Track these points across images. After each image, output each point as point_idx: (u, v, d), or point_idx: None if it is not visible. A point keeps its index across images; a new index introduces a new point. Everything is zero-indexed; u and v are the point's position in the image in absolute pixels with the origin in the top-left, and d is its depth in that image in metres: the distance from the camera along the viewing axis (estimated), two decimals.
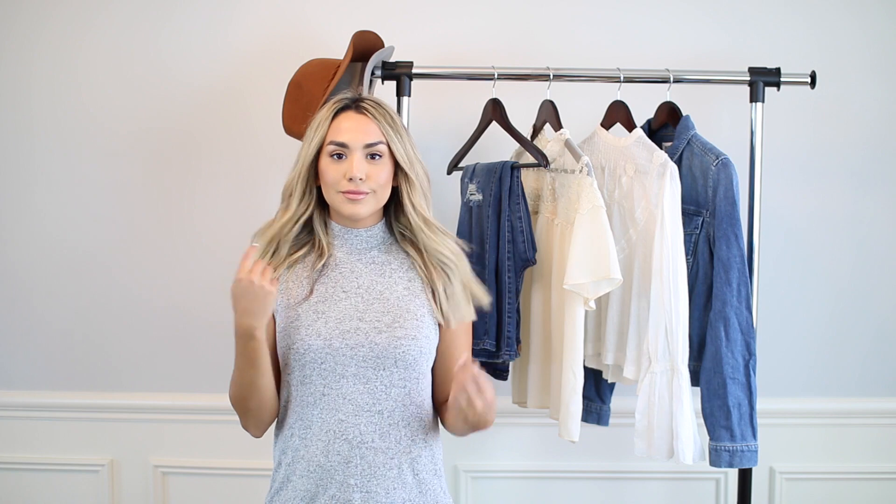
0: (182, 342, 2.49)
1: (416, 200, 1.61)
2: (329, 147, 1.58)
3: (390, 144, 1.58)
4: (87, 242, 2.46)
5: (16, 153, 2.45)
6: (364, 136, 1.57)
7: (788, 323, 2.45)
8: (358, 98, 1.62)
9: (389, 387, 1.57)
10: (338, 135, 1.58)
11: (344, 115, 1.60)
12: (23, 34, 2.40)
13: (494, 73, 2.05)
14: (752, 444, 2.00)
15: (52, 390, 2.52)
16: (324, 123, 1.59)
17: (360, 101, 1.61)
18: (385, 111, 1.60)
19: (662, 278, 1.94)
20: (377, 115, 1.59)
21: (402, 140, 1.60)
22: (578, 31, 2.38)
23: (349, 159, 1.57)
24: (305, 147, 1.60)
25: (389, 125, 1.59)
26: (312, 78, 2.00)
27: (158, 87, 2.41)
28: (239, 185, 2.44)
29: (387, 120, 1.59)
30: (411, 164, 1.60)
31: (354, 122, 1.58)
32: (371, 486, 1.56)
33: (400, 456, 1.58)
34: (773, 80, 2.08)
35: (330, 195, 1.60)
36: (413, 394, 1.60)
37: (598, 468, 2.49)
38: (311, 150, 1.59)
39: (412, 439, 1.60)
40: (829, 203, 2.43)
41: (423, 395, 1.62)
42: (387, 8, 2.38)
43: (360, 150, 1.57)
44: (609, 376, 2.19)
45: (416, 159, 1.61)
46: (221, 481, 2.53)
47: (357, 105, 1.60)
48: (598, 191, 1.91)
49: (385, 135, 1.58)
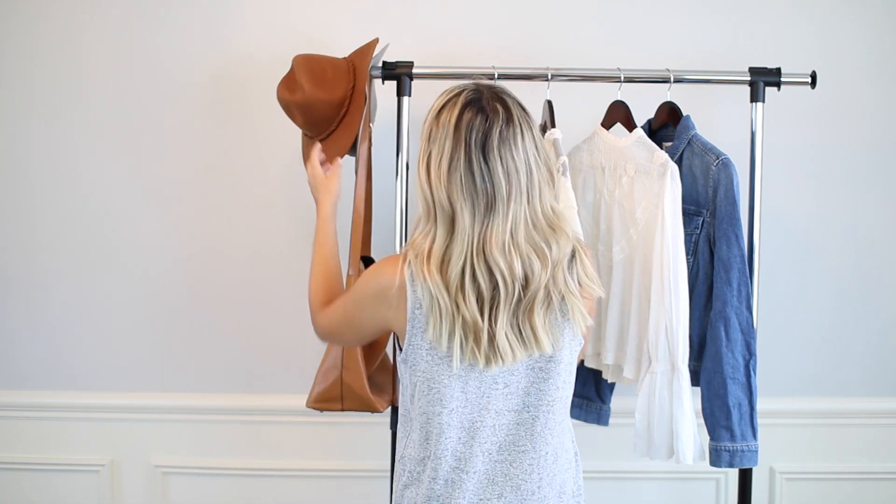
0: (182, 342, 2.49)
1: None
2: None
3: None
4: (85, 242, 2.46)
5: (15, 154, 2.45)
6: None
7: (788, 323, 2.45)
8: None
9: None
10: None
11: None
12: (22, 35, 2.41)
13: (494, 72, 2.05)
14: (752, 444, 2.00)
15: (53, 390, 2.52)
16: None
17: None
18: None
19: (663, 278, 1.94)
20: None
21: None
22: (578, 31, 2.38)
23: None
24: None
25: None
26: (320, 93, 2.03)
27: (156, 86, 2.41)
28: (238, 187, 2.44)
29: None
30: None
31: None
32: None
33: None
34: (774, 80, 2.08)
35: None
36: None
37: (598, 468, 2.48)
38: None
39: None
40: (829, 203, 2.43)
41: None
42: (387, 8, 2.38)
43: None
44: (609, 376, 2.19)
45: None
46: (221, 481, 2.53)
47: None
48: (571, 192, 1.91)
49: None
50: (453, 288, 1.47)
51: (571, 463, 1.64)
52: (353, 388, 1.98)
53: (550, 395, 1.55)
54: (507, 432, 1.55)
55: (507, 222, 1.46)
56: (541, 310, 1.49)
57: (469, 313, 1.47)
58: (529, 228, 1.48)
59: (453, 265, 1.47)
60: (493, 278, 1.46)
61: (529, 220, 1.48)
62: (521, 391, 1.54)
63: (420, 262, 1.49)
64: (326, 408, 1.99)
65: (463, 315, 1.47)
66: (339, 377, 1.97)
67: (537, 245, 1.48)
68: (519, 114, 1.51)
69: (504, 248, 1.46)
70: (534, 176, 1.48)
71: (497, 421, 1.55)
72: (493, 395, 1.54)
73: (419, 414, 1.57)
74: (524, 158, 1.48)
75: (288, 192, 2.43)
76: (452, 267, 1.47)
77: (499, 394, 1.54)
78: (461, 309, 1.47)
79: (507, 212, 1.46)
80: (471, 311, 1.47)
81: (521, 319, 1.49)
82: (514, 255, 1.46)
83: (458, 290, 1.47)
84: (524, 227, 1.48)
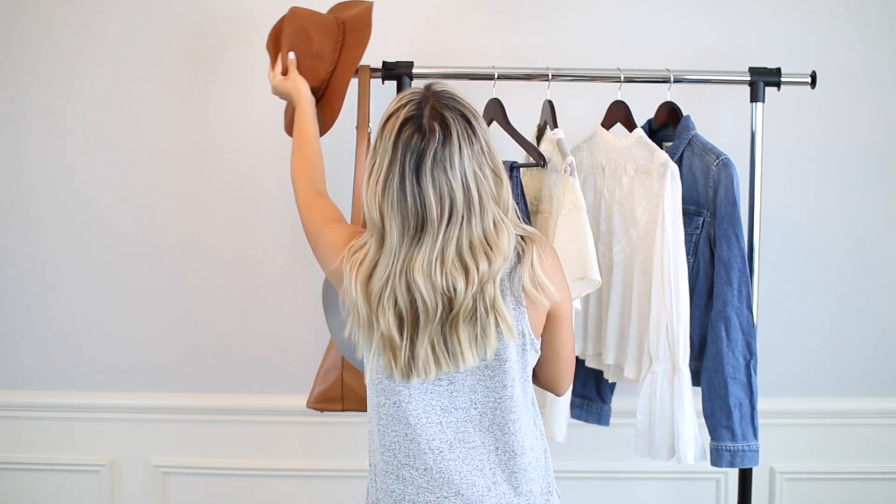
0: (182, 342, 2.49)
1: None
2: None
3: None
4: (85, 243, 2.46)
5: (14, 155, 2.45)
6: None
7: (789, 323, 2.46)
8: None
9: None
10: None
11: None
12: (22, 37, 2.41)
13: (495, 72, 2.04)
14: (753, 444, 2.00)
15: (52, 390, 2.52)
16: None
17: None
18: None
19: (663, 278, 1.94)
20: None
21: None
22: (578, 31, 2.38)
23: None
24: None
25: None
26: (317, 25, 1.98)
27: (157, 86, 2.41)
28: (238, 188, 2.44)
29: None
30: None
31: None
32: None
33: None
34: (774, 80, 2.08)
35: None
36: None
37: (598, 468, 2.49)
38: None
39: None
40: (829, 203, 2.43)
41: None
42: (387, 8, 2.38)
43: None
44: (610, 376, 2.19)
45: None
46: (221, 481, 2.53)
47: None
48: (579, 191, 1.90)
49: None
50: (374, 302, 1.47)
51: (540, 461, 1.61)
52: (354, 388, 1.98)
53: (498, 392, 1.54)
54: (456, 430, 1.54)
55: (436, 245, 1.45)
56: (466, 325, 1.47)
57: (385, 329, 1.47)
58: (463, 249, 1.46)
59: (375, 281, 1.47)
60: (413, 299, 1.46)
61: (466, 241, 1.46)
62: (466, 388, 1.53)
63: (351, 265, 1.50)
64: (327, 408, 1.99)
65: (381, 330, 1.48)
66: (340, 377, 1.97)
67: (466, 264, 1.46)
68: (460, 129, 1.46)
69: (429, 270, 1.45)
70: (473, 194, 1.45)
71: (444, 418, 1.54)
72: (437, 393, 1.53)
73: (372, 408, 1.58)
74: (461, 178, 1.44)
75: (288, 192, 2.42)
76: (374, 282, 1.47)
77: (443, 391, 1.53)
78: (380, 323, 1.47)
79: (438, 235, 1.44)
80: (387, 328, 1.47)
81: (448, 334, 1.48)
82: (437, 276, 1.45)
83: (378, 305, 1.47)
84: (455, 248, 1.45)
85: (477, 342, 1.49)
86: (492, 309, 1.48)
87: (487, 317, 1.48)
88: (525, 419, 1.57)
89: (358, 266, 1.49)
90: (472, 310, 1.47)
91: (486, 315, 1.47)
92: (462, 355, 1.49)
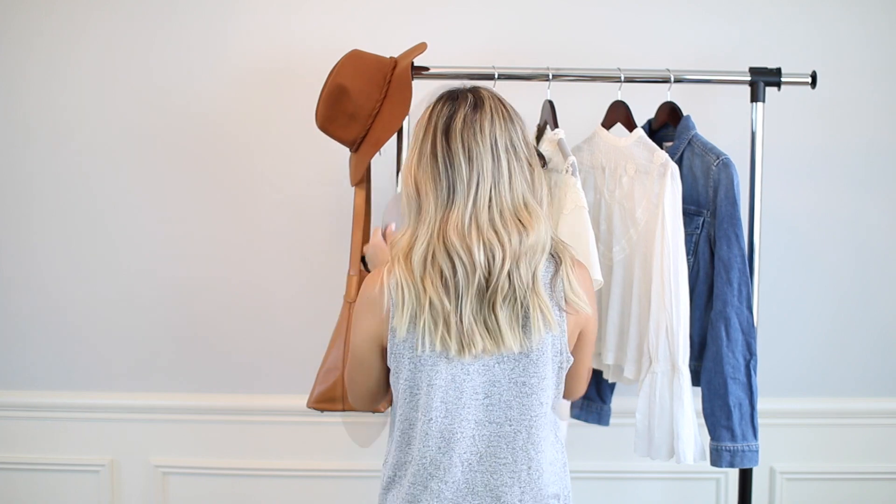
0: (182, 342, 2.49)
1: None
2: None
3: None
4: (85, 243, 2.46)
5: (15, 154, 2.45)
6: None
7: (789, 323, 2.46)
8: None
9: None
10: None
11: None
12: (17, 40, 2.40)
13: (495, 72, 2.04)
14: (752, 444, 2.00)
15: (52, 390, 2.52)
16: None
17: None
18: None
19: (663, 278, 1.94)
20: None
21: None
22: (578, 31, 2.38)
23: None
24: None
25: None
26: (360, 84, 1.96)
27: (159, 86, 2.41)
28: (238, 187, 2.44)
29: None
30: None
31: None
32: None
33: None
34: (774, 80, 2.08)
35: None
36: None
37: (598, 468, 2.49)
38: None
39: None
40: (829, 203, 2.43)
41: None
42: (387, 8, 2.38)
43: None
44: (609, 376, 2.19)
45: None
46: (221, 481, 2.53)
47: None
48: (581, 191, 1.90)
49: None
50: (418, 272, 1.47)
51: (560, 474, 1.62)
52: None
53: (534, 409, 1.53)
54: (489, 444, 1.54)
55: (468, 205, 1.46)
56: (505, 305, 1.47)
57: (435, 296, 1.46)
58: (494, 213, 1.46)
59: (416, 250, 1.47)
60: (453, 264, 1.46)
61: (496, 209, 1.46)
62: (502, 404, 1.53)
63: (395, 257, 1.50)
64: (327, 408, 1.99)
65: (430, 297, 1.46)
66: (340, 377, 1.97)
67: (499, 233, 1.46)
68: (494, 104, 1.50)
69: (463, 231, 1.45)
70: (502, 162, 1.47)
71: (477, 432, 1.53)
72: (474, 406, 1.52)
73: (400, 420, 1.57)
74: (490, 144, 1.47)
75: (288, 192, 2.43)
76: (416, 252, 1.47)
77: (479, 405, 1.53)
78: (428, 291, 1.46)
79: (469, 194, 1.46)
80: (437, 294, 1.46)
81: (487, 311, 1.48)
82: (473, 239, 1.45)
83: (422, 273, 1.47)
84: (487, 211, 1.46)
85: (519, 324, 1.49)
86: (531, 292, 1.48)
87: (526, 299, 1.48)
88: (550, 436, 1.59)
89: (401, 252, 1.49)
90: (509, 290, 1.47)
91: (525, 297, 1.47)
92: (501, 336, 1.48)
